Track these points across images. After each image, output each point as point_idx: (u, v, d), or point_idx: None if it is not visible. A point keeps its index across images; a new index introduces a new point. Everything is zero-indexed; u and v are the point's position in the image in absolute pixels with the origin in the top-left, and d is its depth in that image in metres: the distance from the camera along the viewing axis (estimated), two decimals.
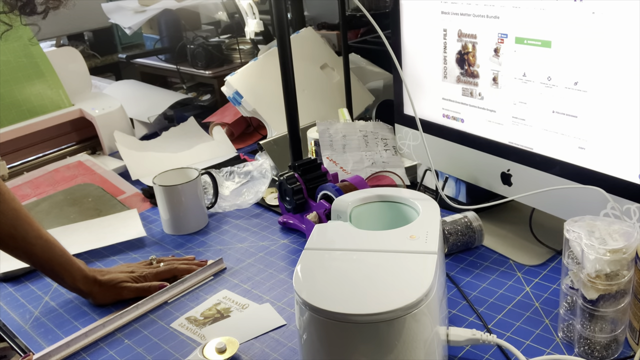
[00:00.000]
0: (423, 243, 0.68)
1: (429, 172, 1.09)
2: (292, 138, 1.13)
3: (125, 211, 1.18)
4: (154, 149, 1.45)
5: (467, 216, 0.97)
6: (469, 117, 0.98)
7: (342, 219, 0.77)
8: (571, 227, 0.70)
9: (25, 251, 0.87)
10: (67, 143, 1.50)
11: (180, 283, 0.93)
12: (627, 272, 0.67)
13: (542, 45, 0.81)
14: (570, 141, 0.83)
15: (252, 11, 1.33)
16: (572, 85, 0.79)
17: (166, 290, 0.91)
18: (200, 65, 1.73)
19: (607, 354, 0.72)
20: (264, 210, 1.17)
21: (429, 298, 0.61)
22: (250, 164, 1.26)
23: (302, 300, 0.61)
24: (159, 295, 0.90)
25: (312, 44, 1.49)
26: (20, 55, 1.42)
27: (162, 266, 0.95)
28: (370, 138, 1.19)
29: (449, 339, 0.72)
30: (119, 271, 0.94)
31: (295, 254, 1.01)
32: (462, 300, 0.85)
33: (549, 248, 0.94)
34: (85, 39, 2.17)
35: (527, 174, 0.90)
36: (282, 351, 0.78)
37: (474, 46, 0.92)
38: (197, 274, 0.95)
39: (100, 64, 2.13)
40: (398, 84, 1.09)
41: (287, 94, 1.09)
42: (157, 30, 1.93)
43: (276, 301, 0.89)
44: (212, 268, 0.97)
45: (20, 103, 1.40)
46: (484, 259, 0.94)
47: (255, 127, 1.54)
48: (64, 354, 0.81)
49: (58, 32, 2.02)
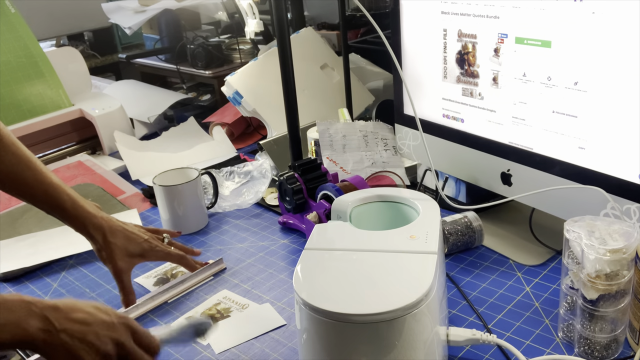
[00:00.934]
0: (423, 243, 0.68)
1: (429, 172, 1.09)
2: (292, 138, 1.13)
3: (125, 211, 1.18)
4: (154, 149, 1.45)
5: (467, 216, 0.97)
6: (469, 117, 0.98)
7: (342, 219, 0.77)
8: (571, 227, 0.70)
9: (29, 196, 0.84)
10: (67, 143, 1.50)
11: (180, 283, 0.93)
12: (627, 272, 0.67)
13: (542, 45, 0.81)
14: (570, 141, 0.83)
15: (252, 11, 1.33)
16: (572, 85, 0.79)
17: (166, 290, 0.91)
18: (200, 65, 1.73)
19: (607, 354, 0.72)
20: (264, 210, 1.17)
21: (429, 298, 0.61)
22: (250, 164, 1.26)
23: (302, 300, 0.61)
24: (159, 295, 0.91)
25: (312, 44, 1.49)
26: (20, 55, 1.42)
27: (174, 250, 0.93)
28: (370, 138, 1.19)
29: (449, 339, 0.72)
30: (139, 229, 0.90)
31: (295, 254, 1.01)
32: (462, 300, 0.85)
33: (549, 248, 0.94)
34: (85, 39, 2.17)
35: (527, 174, 0.90)
36: (282, 351, 0.78)
37: (474, 46, 0.92)
38: (197, 274, 0.95)
39: (100, 64, 2.13)
40: (398, 84, 1.09)
41: (287, 94, 1.09)
42: (157, 30, 1.93)
43: (276, 301, 0.89)
44: (212, 268, 0.97)
45: (20, 103, 1.40)
46: (484, 259, 0.94)
47: (255, 127, 1.54)
48: None
49: (58, 32, 2.02)
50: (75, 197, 0.86)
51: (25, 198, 0.86)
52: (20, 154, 0.83)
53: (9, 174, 0.82)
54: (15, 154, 0.83)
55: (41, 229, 1.13)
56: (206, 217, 1.14)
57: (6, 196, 1.24)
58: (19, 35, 1.43)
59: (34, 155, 0.85)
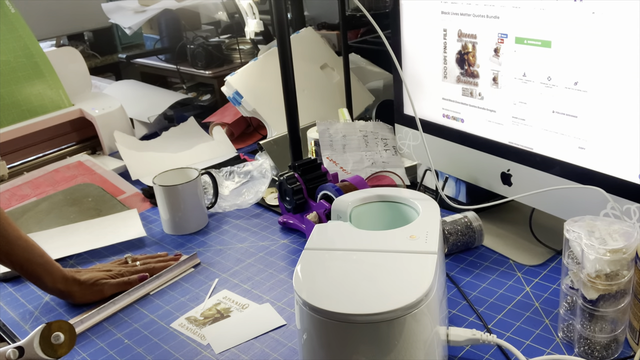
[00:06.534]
0: (423, 243, 0.68)
1: (429, 172, 1.09)
2: (292, 138, 1.13)
3: (125, 211, 1.18)
4: (154, 149, 1.45)
5: (467, 216, 0.97)
6: (469, 117, 0.98)
7: (342, 219, 0.77)
8: (571, 227, 0.70)
9: (5, 251, 0.86)
10: (67, 143, 1.50)
11: (156, 278, 0.95)
12: (627, 272, 0.67)
13: (542, 45, 0.81)
14: (570, 141, 0.83)
15: (252, 11, 1.33)
16: (572, 85, 0.79)
17: (147, 282, 0.94)
18: (200, 65, 1.73)
19: (607, 354, 0.72)
20: (264, 210, 1.17)
21: (429, 298, 0.61)
22: (250, 164, 1.26)
23: (302, 300, 0.61)
24: (142, 286, 0.93)
25: (312, 44, 1.49)
26: (20, 55, 1.42)
27: (139, 265, 0.97)
28: (370, 138, 1.19)
29: (449, 339, 0.72)
30: (97, 270, 0.95)
31: (295, 254, 1.01)
32: (462, 300, 0.85)
33: (549, 248, 0.94)
34: (85, 39, 2.17)
35: (527, 174, 0.90)
36: (282, 351, 0.78)
37: (474, 46, 0.92)
38: (172, 268, 0.97)
39: (100, 64, 2.13)
40: (398, 84, 1.09)
41: (287, 94, 1.09)
42: (157, 30, 1.93)
43: (276, 301, 0.89)
44: (186, 263, 0.99)
45: (20, 103, 1.40)
46: (484, 259, 0.94)
47: (255, 127, 1.54)
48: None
49: (58, 32, 2.02)
50: (47, 255, 0.90)
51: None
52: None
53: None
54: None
55: (41, 229, 1.13)
56: (206, 217, 1.14)
57: (6, 196, 1.24)
58: (19, 35, 1.43)
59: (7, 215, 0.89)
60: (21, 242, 0.86)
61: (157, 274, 0.96)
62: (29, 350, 0.70)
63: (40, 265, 0.88)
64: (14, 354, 0.69)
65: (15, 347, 0.70)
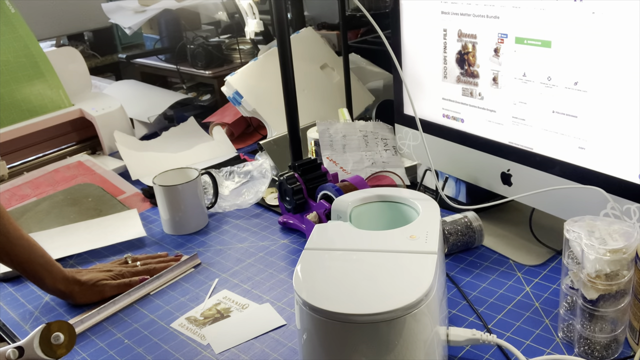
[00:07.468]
0: (423, 243, 0.68)
1: (429, 172, 1.09)
2: (292, 138, 1.13)
3: (125, 211, 1.18)
4: (154, 149, 1.45)
5: (467, 216, 0.97)
6: (469, 117, 0.98)
7: (342, 219, 0.77)
8: (571, 227, 0.70)
9: (7, 251, 0.86)
10: (67, 143, 1.50)
11: (157, 278, 0.95)
12: (627, 272, 0.67)
13: (542, 45, 0.81)
14: (570, 141, 0.83)
15: (252, 11, 1.33)
16: (572, 85, 0.79)
17: (147, 283, 0.93)
18: (200, 65, 1.73)
19: (607, 354, 0.72)
20: (264, 210, 1.17)
21: (429, 298, 0.61)
22: (250, 164, 1.26)
23: (302, 300, 0.61)
24: (142, 286, 0.93)
25: (312, 44, 1.49)
26: (20, 55, 1.42)
27: (140, 265, 0.97)
28: (370, 138, 1.19)
29: (449, 339, 0.72)
30: (97, 270, 0.94)
31: (295, 254, 1.01)
32: (462, 300, 0.85)
33: (549, 248, 0.94)
34: (85, 39, 2.16)
35: (527, 174, 0.90)
36: (282, 351, 0.78)
37: (474, 46, 0.92)
38: (172, 269, 0.97)
39: (100, 64, 2.13)
40: (398, 84, 1.09)
41: (287, 94, 1.09)
42: (157, 30, 1.93)
43: (276, 301, 0.89)
44: (187, 263, 0.99)
45: (20, 103, 1.40)
46: (484, 259, 0.94)
47: (255, 127, 1.54)
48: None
49: (58, 32, 2.02)
50: (48, 255, 0.90)
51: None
52: (0, 209, 0.85)
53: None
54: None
55: (41, 229, 1.13)
56: (206, 217, 1.14)
57: (6, 196, 1.24)
58: (19, 35, 1.43)
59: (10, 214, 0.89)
60: (22, 241, 0.86)
61: (157, 274, 0.96)
62: (29, 351, 0.70)
63: (41, 265, 0.88)
64: (14, 354, 0.69)
65: (15, 347, 0.70)
